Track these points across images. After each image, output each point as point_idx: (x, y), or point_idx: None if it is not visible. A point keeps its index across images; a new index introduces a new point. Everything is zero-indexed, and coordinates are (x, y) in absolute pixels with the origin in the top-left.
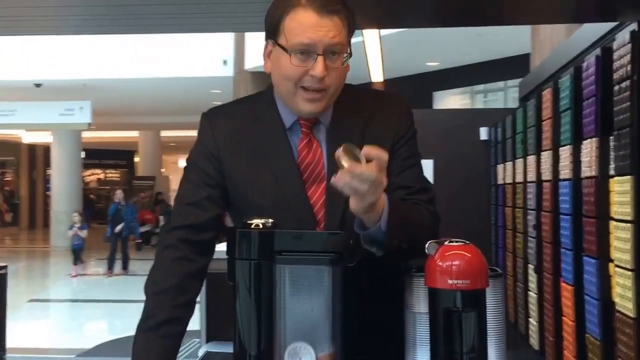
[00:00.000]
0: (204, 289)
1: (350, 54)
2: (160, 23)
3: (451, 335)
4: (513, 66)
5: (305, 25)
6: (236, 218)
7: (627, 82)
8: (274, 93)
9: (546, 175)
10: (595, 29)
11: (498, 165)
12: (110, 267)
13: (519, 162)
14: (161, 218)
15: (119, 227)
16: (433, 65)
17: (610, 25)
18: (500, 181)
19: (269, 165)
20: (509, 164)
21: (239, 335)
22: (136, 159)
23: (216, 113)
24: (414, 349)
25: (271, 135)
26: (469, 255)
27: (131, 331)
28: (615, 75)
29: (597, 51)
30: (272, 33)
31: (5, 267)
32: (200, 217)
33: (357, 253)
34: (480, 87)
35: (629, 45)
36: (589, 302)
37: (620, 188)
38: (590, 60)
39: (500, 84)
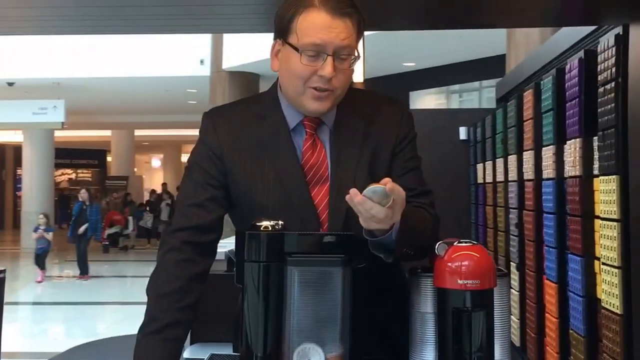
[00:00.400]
0: None
1: (358, 57)
2: (139, 24)
3: (460, 334)
4: (488, 67)
5: (318, 25)
6: (238, 219)
7: (612, 84)
8: (277, 93)
9: (528, 174)
10: (574, 32)
11: (478, 165)
12: (83, 271)
13: (500, 162)
14: (130, 219)
15: (82, 228)
16: (409, 65)
17: (589, 28)
18: (480, 180)
19: (273, 166)
20: (489, 164)
21: (246, 337)
22: (109, 159)
23: (218, 113)
24: (419, 348)
25: (275, 136)
26: (478, 256)
27: (102, 334)
28: (600, 78)
29: (580, 54)
30: (283, 32)
31: (3, 270)
32: (204, 218)
33: (366, 254)
34: (456, 87)
35: (614, 49)
36: (573, 299)
37: (605, 187)
38: (573, 62)
39: (476, 84)
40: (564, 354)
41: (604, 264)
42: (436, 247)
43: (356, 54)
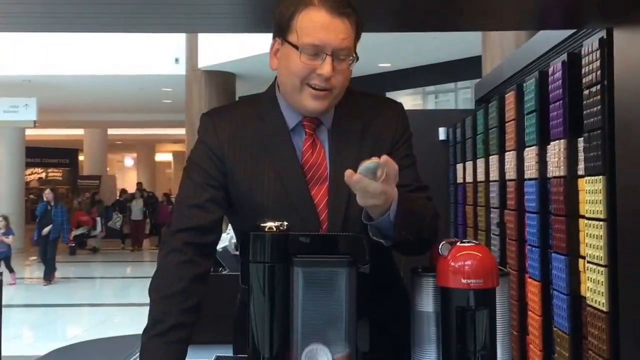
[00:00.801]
0: None
1: (357, 58)
2: (112, 22)
3: (463, 333)
4: (463, 68)
5: (318, 24)
6: (237, 219)
7: (597, 87)
8: (276, 93)
9: (510, 174)
10: (554, 34)
11: (457, 165)
12: (47, 275)
13: (481, 162)
14: (98, 220)
15: (46, 229)
16: (385, 66)
17: (570, 31)
18: (460, 180)
19: (273, 165)
20: (469, 164)
21: (253, 339)
22: (81, 158)
23: (218, 113)
24: (421, 347)
25: (275, 136)
26: (481, 255)
27: (78, 337)
28: (585, 80)
29: (563, 56)
30: (282, 30)
31: (0, 273)
32: (204, 219)
33: (370, 254)
34: (432, 88)
35: (598, 52)
36: (557, 297)
37: (591, 187)
38: (556, 65)
39: (451, 85)
40: (547, 352)
41: (589, 262)
42: (440, 247)
43: (354, 55)
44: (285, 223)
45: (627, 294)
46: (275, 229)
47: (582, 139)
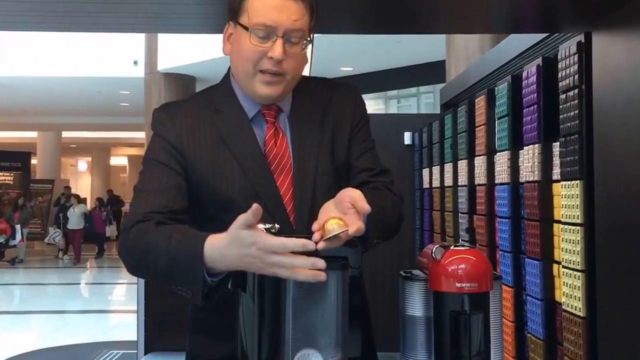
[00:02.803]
0: (142, 295)
1: (311, 41)
2: (71, 21)
3: (458, 338)
4: (426, 73)
5: (269, 5)
6: (198, 218)
7: (575, 91)
8: (231, 83)
9: (480, 179)
10: (524, 38)
11: (424, 170)
12: None
13: (449, 167)
14: (17, 227)
15: None
16: (347, 70)
17: (541, 35)
18: (426, 185)
19: (235, 158)
20: (435, 168)
21: (242, 344)
22: (33, 161)
23: (173, 107)
24: (411, 352)
25: (235, 127)
26: (475, 259)
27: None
28: (561, 84)
29: (538, 61)
30: (234, 12)
31: None
32: (170, 203)
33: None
34: (394, 92)
35: (576, 56)
36: (531, 303)
37: (567, 192)
38: (530, 69)
39: (413, 90)
40: (520, 358)
41: (564, 267)
42: (433, 250)
43: (309, 38)
44: (277, 225)
45: (605, 298)
46: (265, 231)
47: (557, 143)
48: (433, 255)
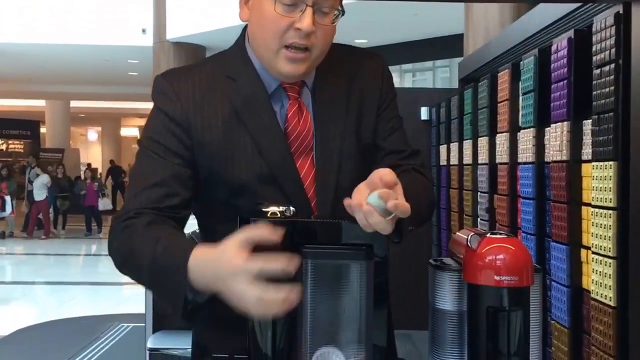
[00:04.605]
0: None
1: (342, 13)
2: None
3: (495, 335)
4: (443, 46)
5: None
6: (207, 202)
7: (611, 66)
8: (247, 49)
9: (502, 157)
10: (552, 9)
11: (441, 146)
12: None
13: (467, 144)
14: (7, 199)
15: None
16: (361, 42)
17: (569, 6)
18: (443, 162)
19: (249, 133)
20: (454, 145)
21: (254, 341)
22: (42, 130)
23: (177, 74)
24: (442, 348)
25: (251, 100)
26: (515, 249)
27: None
28: (596, 59)
29: (570, 33)
30: None
31: None
32: (166, 199)
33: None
34: (409, 66)
35: (613, 28)
36: (556, 289)
37: (599, 174)
38: (561, 42)
39: (429, 63)
40: (542, 345)
41: (594, 253)
42: (468, 239)
43: (340, 9)
44: (292, 208)
45: (638, 288)
46: (279, 215)
47: (589, 121)
48: (468, 243)
